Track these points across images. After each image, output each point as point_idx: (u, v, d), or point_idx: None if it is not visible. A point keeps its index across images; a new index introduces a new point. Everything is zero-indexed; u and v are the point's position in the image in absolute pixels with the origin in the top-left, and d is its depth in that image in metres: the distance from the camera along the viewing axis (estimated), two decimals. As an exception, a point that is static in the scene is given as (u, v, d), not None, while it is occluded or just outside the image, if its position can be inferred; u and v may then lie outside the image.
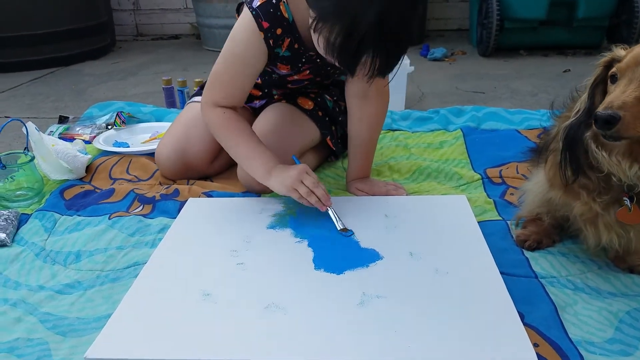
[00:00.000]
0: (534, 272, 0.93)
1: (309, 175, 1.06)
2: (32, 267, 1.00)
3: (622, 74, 0.76)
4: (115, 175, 1.36)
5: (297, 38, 1.10)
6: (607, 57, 0.82)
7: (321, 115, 1.30)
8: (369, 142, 1.22)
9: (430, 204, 1.15)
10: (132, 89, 2.40)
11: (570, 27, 2.67)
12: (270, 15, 1.05)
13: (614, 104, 0.72)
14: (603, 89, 0.82)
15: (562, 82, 2.25)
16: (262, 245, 1.02)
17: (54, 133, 1.66)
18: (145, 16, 3.73)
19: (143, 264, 0.98)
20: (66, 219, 1.16)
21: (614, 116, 0.71)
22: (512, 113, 1.69)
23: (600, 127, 0.73)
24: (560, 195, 0.90)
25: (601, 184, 0.84)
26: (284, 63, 1.17)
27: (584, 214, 0.87)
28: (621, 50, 0.80)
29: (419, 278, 0.90)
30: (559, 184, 0.90)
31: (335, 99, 1.35)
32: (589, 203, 0.85)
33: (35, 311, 0.87)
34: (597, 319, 0.81)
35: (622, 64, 0.76)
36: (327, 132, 1.31)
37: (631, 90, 0.73)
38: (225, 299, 0.87)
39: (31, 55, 2.79)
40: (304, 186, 1.05)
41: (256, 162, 1.10)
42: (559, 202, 0.93)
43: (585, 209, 0.86)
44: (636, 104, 0.72)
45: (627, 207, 0.83)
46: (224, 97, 1.13)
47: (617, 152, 0.79)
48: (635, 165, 0.78)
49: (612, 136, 0.74)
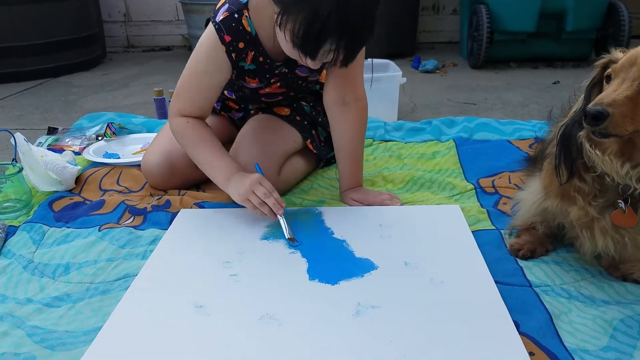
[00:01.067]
0: (528, 281, 0.93)
1: (261, 186, 1.06)
2: (19, 279, 0.98)
3: (616, 74, 0.77)
4: (106, 187, 1.35)
5: (262, 51, 1.13)
6: (604, 59, 0.83)
7: (299, 119, 1.31)
8: (354, 151, 1.22)
9: (424, 213, 1.15)
10: (123, 100, 2.39)
11: (559, 40, 2.71)
12: (232, 29, 1.07)
13: (604, 101, 0.73)
14: (599, 89, 0.83)
15: (552, 94, 2.28)
16: (255, 256, 1.01)
17: (43, 144, 1.64)
18: (137, 28, 3.73)
19: (134, 276, 0.96)
20: (55, 231, 1.14)
21: (603, 112, 0.72)
22: (504, 124, 1.70)
23: (589, 122, 0.74)
24: (557, 203, 0.90)
25: (596, 187, 0.84)
26: (251, 77, 1.19)
27: (580, 218, 0.88)
28: (619, 52, 0.81)
29: (413, 288, 0.90)
30: (554, 192, 0.90)
31: (311, 104, 1.37)
32: (584, 207, 0.86)
33: (22, 325, 0.85)
34: (592, 327, 0.81)
35: (617, 65, 0.78)
36: (307, 135, 1.32)
37: (622, 90, 0.74)
38: (218, 311, 0.85)
39: (21, 67, 2.77)
40: (255, 196, 1.06)
41: (216, 169, 1.12)
42: (555, 211, 0.93)
43: (582, 213, 0.87)
44: (626, 102, 0.73)
45: (622, 209, 0.83)
46: (188, 108, 1.15)
47: (610, 151, 0.79)
48: (627, 164, 0.78)
49: (601, 132, 0.75)
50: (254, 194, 1.06)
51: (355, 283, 0.91)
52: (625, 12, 2.55)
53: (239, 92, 1.28)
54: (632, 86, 0.74)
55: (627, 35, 2.55)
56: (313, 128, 1.35)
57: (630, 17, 2.54)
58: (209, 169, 1.14)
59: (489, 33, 2.59)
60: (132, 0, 3.65)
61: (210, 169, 1.14)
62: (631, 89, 0.74)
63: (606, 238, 0.87)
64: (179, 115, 1.15)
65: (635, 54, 0.76)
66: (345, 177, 1.24)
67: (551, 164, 0.90)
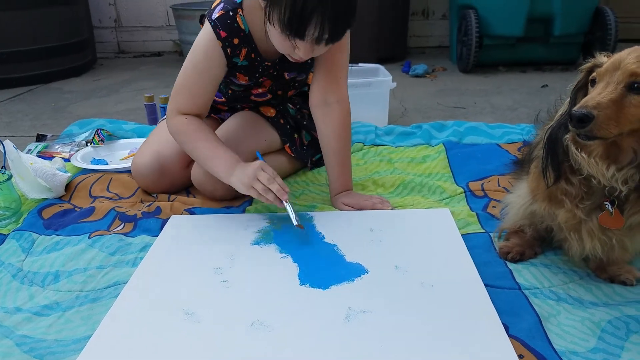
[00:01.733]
0: (517, 283, 0.93)
1: (264, 172, 1.07)
2: (8, 288, 0.97)
3: (600, 78, 0.79)
4: (96, 194, 1.34)
5: (254, 49, 1.17)
6: (589, 63, 0.84)
7: (282, 122, 1.34)
8: (340, 152, 1.23)
9: (414, 217, 1.16)
10: (114, 106, 2.38)
11: (547, 44, 2.74)
12: (227, 26, 1.12)
13: (589, 104, 0.74)
14: (585, 93, 0.84)
15: (541, 97, 2.30)
16: (246, 261, 1.01)
17: (33, 151, 1.63)
18: (127, 33, 3.72)
19: (124, 283, 0.96)
20: (44, 239, 1.13)
21: (588, 115, 0.73)
22: (493, 127, 1.71)
23: (574, 125, 0.75)
24: (545, 206, 0.91)
25: (583, 189, 0.85)
26: (242, 73, 1.22)
27: (567, 221, 0.88)
28: (603, 57, 0.83)
29: (404, 291, 0.90)
30: (542, 195, 0.91)
31: (298, 107, 1.39)
32: (572, 210, 0.87)
33: (11, 334, 0.84)
34: (580, 329, 0.82)
35: (601, 69, 0.79)
36: (286, 139, 1.34)
37: (607, 93, 0.75)
38: (209, 317, 0.85)
39: (10, 73, 2.76)
40: (259, 183, 1.06)
41: (217, 162, 1.13)
42: (543, 214, 0.94)
43: (569, 215, 0.88)
44: (610, 105, 0.74)
45: (609, 211, 0.84)
46: (187, 105, 1.17)
47: (596, 154, 0.80)
48: (613, 167, 0.80)
49: (586, 135, 0.76)
50: (258, 181, 1.07)
51: (346, 287, 0.92)
52: (611, 16, 2.58)
53: (228, 92, 1.30)
54: (616, 89, 0.75)
55: (614, 39, 2.58)
56: (296, 131, 1.37)
57: (617, 21, 2.58)
58: (209, 163, 1.15)
59: (477, 38, 2.61)
60: (123, 6, 3.65)
61: (211, 163, 1.14)
62: (615, 92, 0.75)
63: (594, 240, 0.88)
64: (178, 114, 1.17)
65: (619, 58, 0.77)
66: (333, 180, 1.25)
67: (538, 167, 0.91)
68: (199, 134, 1.15)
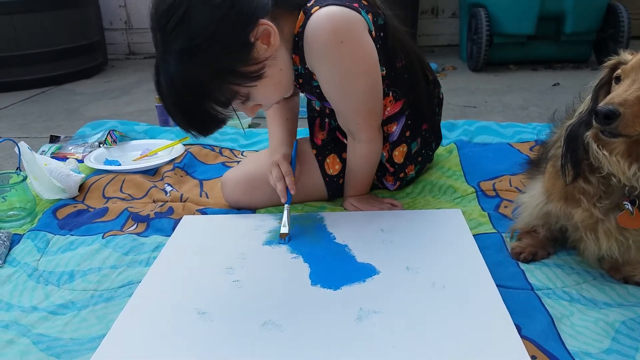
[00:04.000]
0: (530, 284, 0.93)
1: (276, 168, 1.14)
2: (24, 287, 0.98)
3: (626, 75, 0.78)
4: (109, 194, 1.36)
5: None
6: (613, 60, 0.83)
7: (341, 182, 1.24)
8: (363, 175, 1.20)
9: (425, 218, 1.16)
10: (125, 107, 2.40)
11: (558, 42, 2.71)
12: None
13: (615, 101, 0.74)
14: (607, 90, 0.83)
15: (552, 96, 2.28)
16: (258, 262, 1.02)
17: (46, 152, 1.65)
18: (138, 35, 3.75)
19: (137, 283, 0.97)
20: (59, 239, 1.15)
21: (614, 111, 0.73)
22: (504, 127, 1.70)
23: (599, 121, 0.74)
24: (560, 205, 0.91)
25: (601, 188, 0.84)
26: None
27: (584, 220, 0.88)
28: (628, 54, 0.82)
29: (415, 292, 0.90)
30: (558, 194, 0.90)
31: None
32: (589, 209, 0.86)
33: (28, 332, 0.86)
34: (594, 330, 0.81)
35: (627, 66, 0.78)
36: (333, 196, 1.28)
37: (633, 90, 0.74)
38: (221, 317, 0.86)
39: (23, 75, 2.79)
40: (271, 177, 1.14)
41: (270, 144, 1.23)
42: (558, 213, 0.93)
43: (586, 215, 0.87)
44: (637, 103, 0.73)
45: (629, 210, 0.83)
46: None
47: (617, 152, 0.79)
48: (635, 165, 0.79)
49: (611, 132, 0.75)
50: (271, 175, 1.14)
51: (357, 288, 0.92)
52: (624, 13, 2.55)
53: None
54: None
55: (627, 37, 2.55)
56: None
57: (630, 18, 2.55)
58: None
59: (488, 36, 2.60)
60: (133, 8, 3.67)
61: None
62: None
63: (610, 240, 0.87)
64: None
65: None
66: (349, 187, 1.23)
67: (555, 166, 0.90)
68: (272, 116, 1.24)
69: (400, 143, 1.21)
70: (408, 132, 1.21)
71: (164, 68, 0.89)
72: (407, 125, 1.21)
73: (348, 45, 0.97)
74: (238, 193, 1.23)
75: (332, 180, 1.24)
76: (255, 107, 1.02)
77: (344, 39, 0.96)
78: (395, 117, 1.18)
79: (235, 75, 0.91)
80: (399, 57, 1.13)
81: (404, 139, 1.21)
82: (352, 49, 0.99)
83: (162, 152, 1.59)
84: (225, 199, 1.26)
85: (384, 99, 1.13)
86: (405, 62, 1.15)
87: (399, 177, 1.26)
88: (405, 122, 1.20)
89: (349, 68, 1.00)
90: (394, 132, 1.20)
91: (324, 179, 1.23)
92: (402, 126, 1.20)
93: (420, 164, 1.30)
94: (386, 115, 1.17)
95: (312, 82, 1.07)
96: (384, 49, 1.08)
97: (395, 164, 1.23)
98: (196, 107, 0.92)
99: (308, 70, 1.04)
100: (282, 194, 1.12)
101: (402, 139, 1.21)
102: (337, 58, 0.98)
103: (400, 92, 1.16)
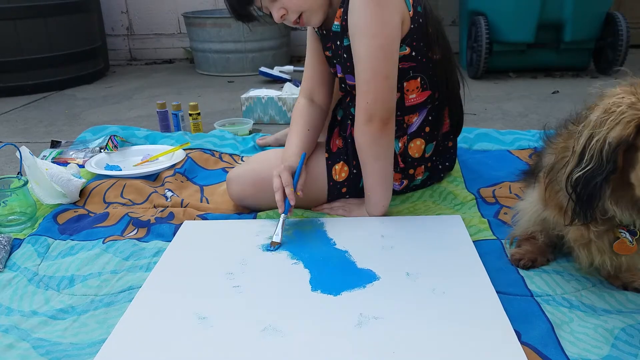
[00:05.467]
0: (529, 290, 0.93)
1: (277, 179, 1.13)
2: (24, 292, 0.99)
3: None
4: (110, 199, 1.36)
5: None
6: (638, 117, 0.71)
7: (344, 191, 1.25)
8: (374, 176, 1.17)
9: (425, 224, 1.16)
10: (127, 113, 2.41)
11: (557, 50, 2.73)
12: None
13: None
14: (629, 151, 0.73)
15: (552, 103, 2.29)
16: (258, 267, 1.02)
17: (47, 157, 1.66)
18: (139, 41, 3.76)
19: (138, 288, 0.97)
20: (59, 244, 1.15)
21: None
22: (504, 134, 1.71)
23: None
24: (555, 214, 0.91)
25: (600, 216, 0.82)
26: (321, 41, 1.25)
27: (577, 239, 0.88)
28: None
29: (415, 298, 0.90)
30: (553, 204, 0.91)
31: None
32: (583, 230, 0.86)
33: (28, 337, 0.86)
34: (593, 337, 0.81)
35: None
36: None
37: None
38: (221, 322, 0.86)
39: (25, 80, 2.80)
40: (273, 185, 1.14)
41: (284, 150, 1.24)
42: (553, 221, 0.94)
43: (578, 234, 0.87)
44: None
45: (627, 240, 0.83)
46: (303, 87, 1.30)
47: (632, 208, 0.79)
48: None
49: None
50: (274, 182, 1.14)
51: (358, 294, 0.92)
52: (622, 21, 2.57)
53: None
54: None
55: (625, 45, 2.57)
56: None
57: (628, 26, 2.57)
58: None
59: (487, 44, 2.61)
60: (135, 14, 3.69)
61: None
62: None
63: (603, 256, 0.88)
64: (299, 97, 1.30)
65: None
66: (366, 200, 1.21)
67: (553, 187, 0.89)
68: (294, 120, 1.26)
69: (418, 136, 1.23)
70: (428, 127, 1.23)
71: None
72: (428, 120, 1.23)
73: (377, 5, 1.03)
74: (244, 190, 1.24)
75: (335, 186, 1.24)
76: (281, 9, 1.09)
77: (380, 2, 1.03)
78: (419, 108, 1.21)
79: None
80: (435, 48, 1.18)
81: (423, 134, 1.23)
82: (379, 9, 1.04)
83: (162, 158, 1.59)
84: (231, 195, 1.27)
85: (410, 82, 1.17)
86: (441, 57, 1.20)
87: (408, 174, 1.26)
88: (427, 116, 1.22)
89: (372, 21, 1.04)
90: (414, 123, 1.22)
91: (328, 183, 1.24)
92: (422, 118, 1.22)
93: (429, 170, 1.30)
94: (411, 102, 1.20)
95: (345, 39, 1.12)
96: (420, 33, 1.13)
97: (409, 158, 1.23)
98: None
99: (345, 24, 1.10)
100: (280, 204, 1.12)
101: (421, 133, 1.23)
102: (365, 9, 1.04)
103: (430, 83, 1.19)
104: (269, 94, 2.08)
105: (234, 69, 3.10)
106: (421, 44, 1.15)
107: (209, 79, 3.05)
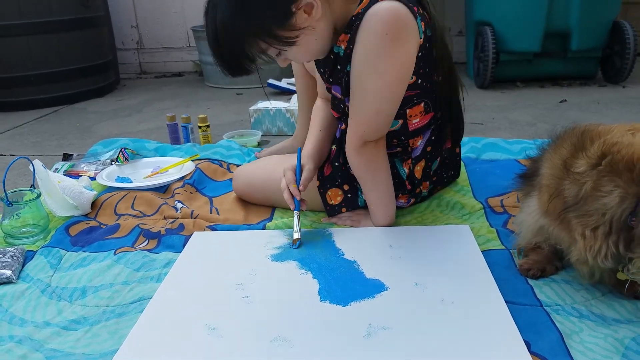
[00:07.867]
0: (538, 300, 0.93)
1: (284, 177, 1.18)
2: (37, 303, 1.00)
3: None
4: (121, 211, 1.38)
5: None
6: None
7: (343, 212, 1.26)
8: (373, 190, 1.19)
9: (434, 233, 1.16)
10: (137, 126, 2.44)
11: (564, 59, 2.73)
12: None
13: None
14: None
15: (559, 112, 2.29)
16: (267, 277, 1.03)
17: (59, 170, 1.68)
18: (149, 55, 3.82)
19: (149, 298, 0.98)
20: (72, 255, 1.17)
21: None
22: (511, 143, 1.71)
23: None
24: (554, 227, 0.91)
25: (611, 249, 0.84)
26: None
27: (578, 259, 0.88)
28: None
29: (424, 308, 0.90)
30: (552, 213, 0.91)
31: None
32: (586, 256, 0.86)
33: (41, 348, 0.87)
34: (604, 346, 0.81)
35: None
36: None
37: None
38: (231, 332, 0.87)
39: (37, 94, 2.85)
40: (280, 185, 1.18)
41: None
42: (551, 233, 0.94)
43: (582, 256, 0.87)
44: None
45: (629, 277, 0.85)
46: (318, 91, 1.36)
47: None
48: None
49: None
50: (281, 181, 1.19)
51: (366, 304, 0.92)
52: (629, 30, 2.57)
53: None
54: None
55: (633, 53, 2.56)
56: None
57: (635, 35, 2.56)
58: None
59: (494, 53, 2.62)
60: (145, 28, 3.75)
61: None
62: None
63: (603, 273, 0.89)
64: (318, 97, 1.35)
65: None
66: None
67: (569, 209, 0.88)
68: (312, 119, 1.31)
69: (422, 158, 1.23)
70: (430, 147, 1.23)
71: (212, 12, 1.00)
72: (430, 140, 1.23)
73: (393, 43, 1.00)
74: (249, 185, 1.33)
75: (333, 209, 1.26)
76: (286, 60, 1.10)
77: (393, 37, 1.00)
78: (422, 131, 1.21)
79: (270, 36, 1.00)
80: (439, 71, 1.16)
81: (426, 154, 1.24)
82: (395, 47, 1.01)
83: (172, 170, 1.61)
84: (235, 189, 1.36)
85: (414, 108, 1.16)
86: (444, 79, 1.18)
87: (415, 193, 1.27)
88: (429, 137, 1.22)
89: (385, 58, 1.02)
90: (418, 147, 1.22)
91: (325, 207, 1.26)
92: (425, 141, 1.22)
93: (434, 183, 1.31)
94: (414, 126, 1.19)
95: (347, 66, 1.07)
96: (427, 58, 1.10)
97: (415, 180, 1.24)
98: (230, 51, 1.02)
99: (350, 51, 1.05)
100: (289, 202, 1.16)
101: (423, 154, 1.23)
102: (379, 45, 1.00)
103: (433, 105, 1.18)
104: (277, 106, 2.10)
105: (242, 81, 3.12)
106: (427, 70, 1.12)
107: (217, 91, 3.09)
